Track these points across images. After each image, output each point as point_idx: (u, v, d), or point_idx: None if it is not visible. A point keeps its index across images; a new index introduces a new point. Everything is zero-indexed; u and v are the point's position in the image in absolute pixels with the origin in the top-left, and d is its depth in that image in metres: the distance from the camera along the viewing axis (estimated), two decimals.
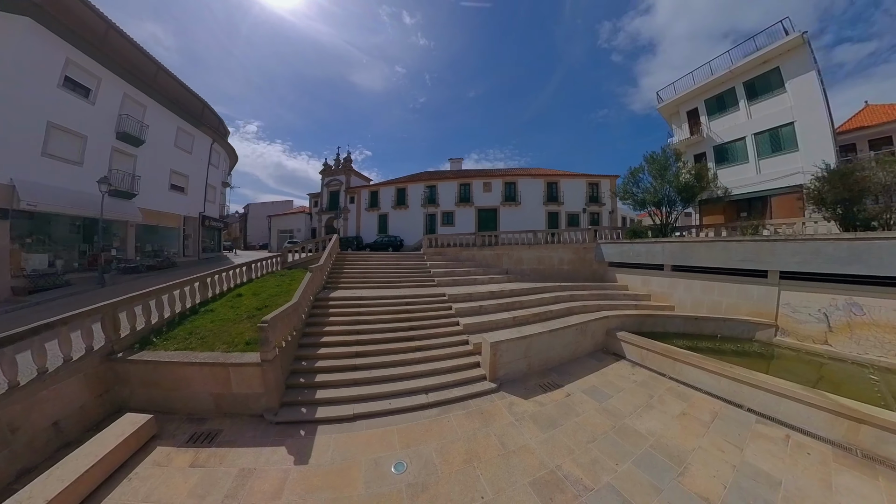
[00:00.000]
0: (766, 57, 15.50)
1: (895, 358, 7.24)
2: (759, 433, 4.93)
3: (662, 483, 3.80)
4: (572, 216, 26.45)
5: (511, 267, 14.52)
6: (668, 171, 14.29)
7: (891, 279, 7.43)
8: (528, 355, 6.90)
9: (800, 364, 7.98)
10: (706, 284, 10.77)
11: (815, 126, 13.66)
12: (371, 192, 31.19)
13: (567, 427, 5.01)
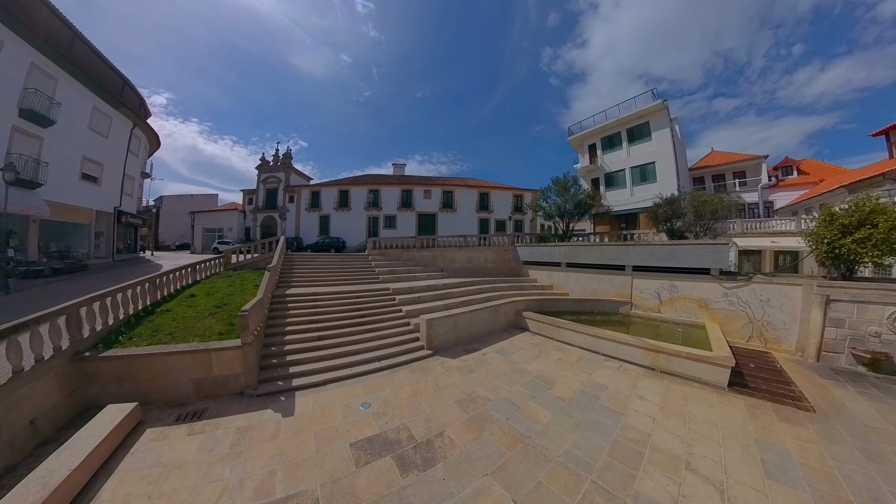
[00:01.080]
0: (641, 114, 20.63)
1: (692, 318, 11.08)
2: (604, 365, 7.73)
3: (537, 393, 6.15)
4: (500, 222, 30.22)
5: (445, 266, 16.76)
6: (569, 191, 18.08)
7: (690, 270, 11.34)
8: (455, 329, 9.08)
9: (644, 325, 11.47)
10: (589, 276, 14.32)
11: (667, 166, 18.89)
12: (313, 192, 30.82)
13: (481, 371, 7.22)
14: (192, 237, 33.12)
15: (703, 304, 10.96)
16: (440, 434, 4.79)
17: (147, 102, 23.51)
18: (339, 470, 3.99)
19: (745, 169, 27.84)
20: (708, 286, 10.93)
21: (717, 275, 10.84)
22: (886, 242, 8.62)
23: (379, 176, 34.12)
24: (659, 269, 12.16)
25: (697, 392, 6.38)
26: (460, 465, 4.09)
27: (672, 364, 7.33)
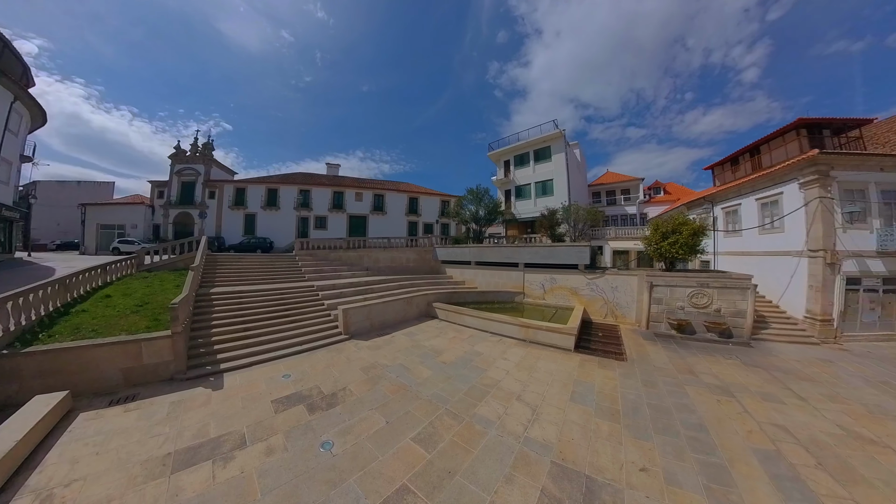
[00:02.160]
0: (545, 139, 24.59)
1: (567, 302, 14.36)
2: (488, 340, 10.13)
3: (426, 360, 8.20)
4: (428, 226, 32.19)
5: (371, 265, 18.26)
6: (481, 200, 20.95)
7: (564, 265, 14.65)
8: (369, 318, 10.85)
9: (532, 310, 14.30)
10: (492, 272, 17.21)
11: (561, 183, 23.01)
12: (237, 188, 28.88)
13: (386, 348, 9.10)
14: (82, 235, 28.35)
15: (574, 291, 14.33)
16: (343, 389, 6.52)
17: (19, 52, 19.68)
18: (262, 416, 5.46)
19: (629, 187, 34.58)
20: (576, 278, 14.33)
21: (583, 269, 14.31)
22: (687, 245, 12.74)
23: (311, 175, 33.47)
24: (543, 266, 15.40)
25: (550, 354, 9.02)
26: (354, 405, 5.87)
27: (538, 336, 9.99)
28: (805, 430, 5.53)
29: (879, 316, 11.93)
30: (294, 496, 3.64)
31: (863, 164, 12.22)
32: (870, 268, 11.89)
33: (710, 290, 11.30)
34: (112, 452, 4.44)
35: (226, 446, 4.59)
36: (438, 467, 4.13)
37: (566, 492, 3.84)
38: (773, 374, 8.05)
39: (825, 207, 11.83)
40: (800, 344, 10.99)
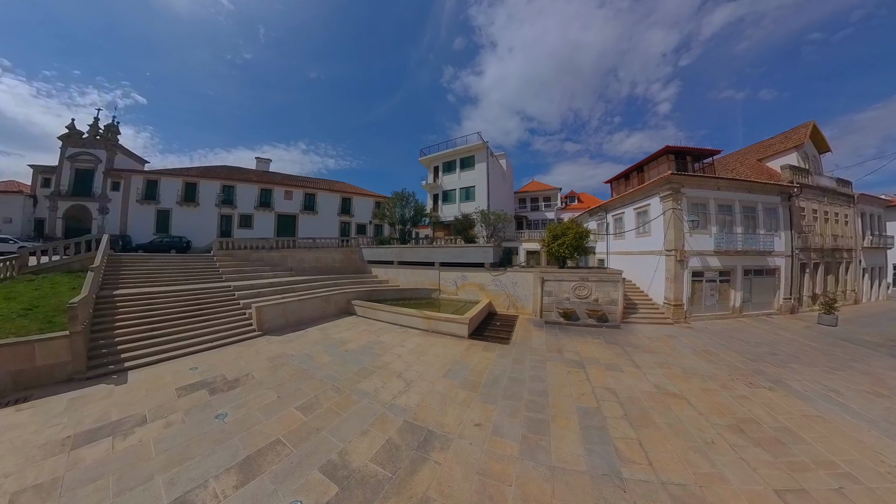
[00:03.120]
0: (470, 149, 26.96)
1: (476, 297, 16.46)
2: (394, 331, 11.58)
3: (330, 349, 9.42)
4: (361, 226, 32.57)
5: (295, 266, 18.69)
6: (407, 203, 22.41)
7: (473, 264, 16.78)
8: (285, 315, 11.72)
9: (446, 304, 16.03)
10: (413, 271, 18.91)
11: (482, 190, 25.53)
12: (149, 180, 25.81)
13: (297, 342, 10.13)
14: None
15: (481, 287, 16.51)
16: (247, 375, 7.51)
17: None
18: (164, 401, 6.26)
19: (550, 195, 39.18)
20: (483, 275, 16.52)
21: (488, 267, 16.52)
22: (572, 246, 15.32)
23: (236, 170, 31.40)
24: (455, 265, 17.42)
25: (445, 341, 10.64)
26: (253, 387, 6.93)
27: (438, 326, 11.67)
28: (628, 391, 6.94)
29: (717, 300, 15.68)
30: (184, 453, 4.66)
31: (705, 184, 15.84)
32: (709, 263, 15.44)
33: (590, 283, 13.88)
34: (6, 443, 4.84)
35: (127, 425, 5.37)
36: (310, 426, 5.38)
37: (406, 441, 4.97)
38: (624, 349, 10.08)
39: (676, 216, 14.99)
40: (658, 324, 13.77)
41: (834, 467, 4.63)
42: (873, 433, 5.57)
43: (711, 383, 7.56)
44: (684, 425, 5.68)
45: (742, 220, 16.30)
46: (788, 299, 16.83)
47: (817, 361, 9.24)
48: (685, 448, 5.01)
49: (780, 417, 6.06)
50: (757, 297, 16.37)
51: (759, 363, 9.00)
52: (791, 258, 17.06)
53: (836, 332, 12.75)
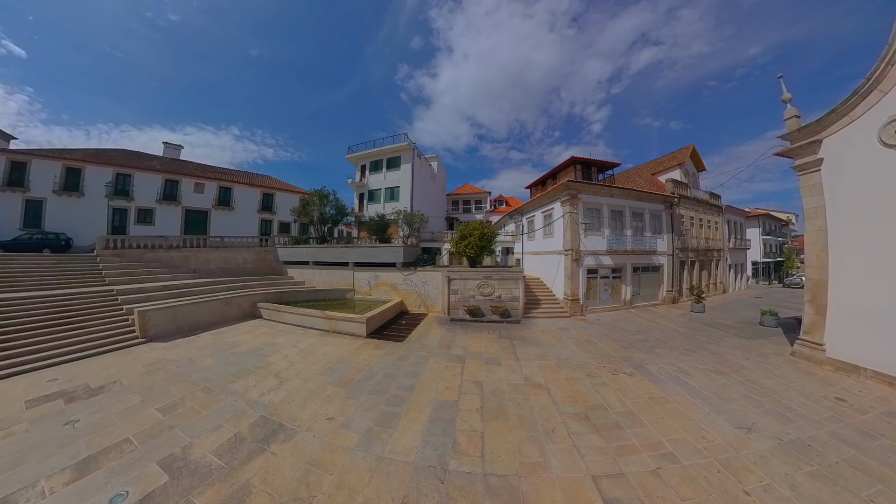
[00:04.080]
0: (396, 149, 27.66)
1: (389, 296, 17.32)
2: (294, 332, 11.97)
3: (217, 354, 9.59)
4: (284, 225, 30.81)
5: (200, 267, 17.77)
6: (326, 202, 22.36)
7: (385, 264, 17.65)
8: (175, 320, 11.45)
9: (361, 304, 16.66)
10: (329, 271, 19.25)
11: (406, 190, 26.53)
12: (13, 161, 21.06)
13: (185, 347, 10.11)
14: None
15: (394, 286, 17.44)
16: (115, 382, 7.51)
17: None
18: (9, 413, 6.11)
19: (481, 199, 41.63)
20: (395, 274, 17.47)
21: (400, 267, 17.50)
22: (477, 245, 16.37)
23: (136, 155, 27.45)
24: (368, 264, 18.20)
25: (341, 340, 11.29)
26: (118, 392, 7.01)
27: (339, 326, 12.31)
28: (495, 384, 7.42)
29: (610, 294, 18.16)
30: (19, 459, 4.71)
31: (599, 191, 18.16)
32: (602, 262, 17.73)
33: (493, 281, 15.26)
34: None
35: None
36: (165, 425, 5.73)
37: (254, 434, 5.39)
38: (513, 343, 10.93)
39: (573, 220, 16.85)
40: (556, 318, 15.19)
41: (659, 448, 5.13)
42: (704, 410, 6.38)
43: (579, 372, 8.34)
44: (534, 416, 6.12)
45: (631, 223, 19.00)
46: (671, 291, 20.40)
47: (679, 345, 10.85)
48: (524, 439, 5.38)
49: (629, 402, 6.68)
50: (645, 290, 19.45)
51: (630, 350, 10.28)
52: (672, 257, 20.71)
53: (702, 318, 15.72)
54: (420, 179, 28.31)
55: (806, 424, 5.87)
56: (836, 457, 4.93)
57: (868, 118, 8.21)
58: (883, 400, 6.89)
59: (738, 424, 5.88)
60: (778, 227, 45.27)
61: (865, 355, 8.13)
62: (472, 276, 15.53)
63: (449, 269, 16.20)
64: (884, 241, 7.92)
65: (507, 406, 6.50)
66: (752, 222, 38.68)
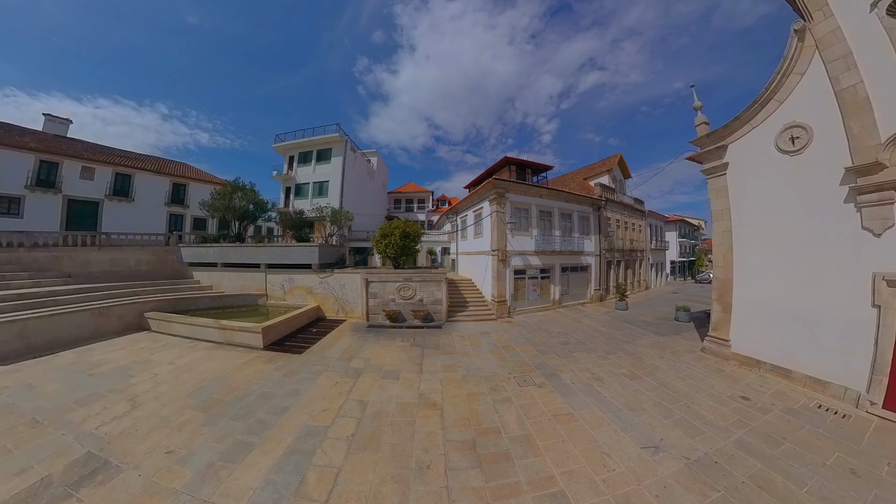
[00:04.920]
0: (328, 140, 26.39)
1: (304, 302, 16.61)
2: (180, 346, 10.99)
3: (69, 377, 8.47)
4: (199, 221, 27.14)
5: (76, 270, 15.31)
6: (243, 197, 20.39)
7: (300, 265, 16.84)
8: (25, 336, 9.87)
9: (274, 312, 15.46)
10: (238, 274, 17.85)
11: (336, 186, 25.60)
12: None
13: (32, 369, 8.76)
14: None
15: (309, 290, 16.74)
16: None
17: None
18: None
19: (424, 198, 41.65)
20: (311, 277, 16.71)
21: (315, 269, 16.74)
22: (397, 245, 15.82)
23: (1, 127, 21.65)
24: (282, 266, 17.21)
25: (230, 354, 10.29)
26: None
27: (234, 337, 11.39)
28: (382, 403, 6.93)
29: (539, 295, 18.74)
30: None
31: (528, 191, 18.53)
32: (530, 262, 18.16)
33: (414, 283, 14.97)
34: None
35: None
36: None
37: (67, 476, 4.74)
38: (424, 351, 10.59)
39: (500, 219, 16.76)
40: (482, 321, 15.04)
41: (549, 485, 4.66)
42: (612, 427, 6.18)
43: (484, 386, 8.00)
44: (412, 446, 5.59)
45: (560, 224, 19.82)
46: (598, 290, 22.01)
47: (599, 346, 11.18)
48: (387, 477, 4.84)
49: (529, 422, 6.30)
50: (574, 289, 20.59)
51: (547, 355, 10.26)
52: (600, 257, 22.36)
53: (625, 316, 16.93)
54: (354, 175, 27.40)
55: (714, 434, 6.03)
56: (743, 473, 4.96)
57: (767, 126, 9.24)
58: (781, 395, 7.66)
59: (645, 443, 5.72)
60: (691, 231, 52.43)
61: (765, 350, 9.03)
62: (392, 279, 15.21)
63: (368, 271, 15.97)
64: (779, 241, 8.96)
65: (384, 433, 5.91)
66: (671, 226, 43.84)
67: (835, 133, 7.93)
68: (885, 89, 7.20)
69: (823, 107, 8.14)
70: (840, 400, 7.45)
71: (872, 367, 7.17)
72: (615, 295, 19.84)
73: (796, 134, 8.66)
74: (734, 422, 6.51)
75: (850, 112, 7.66)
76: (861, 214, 7.45)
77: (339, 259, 19.48)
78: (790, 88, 8.88)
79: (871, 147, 7.33)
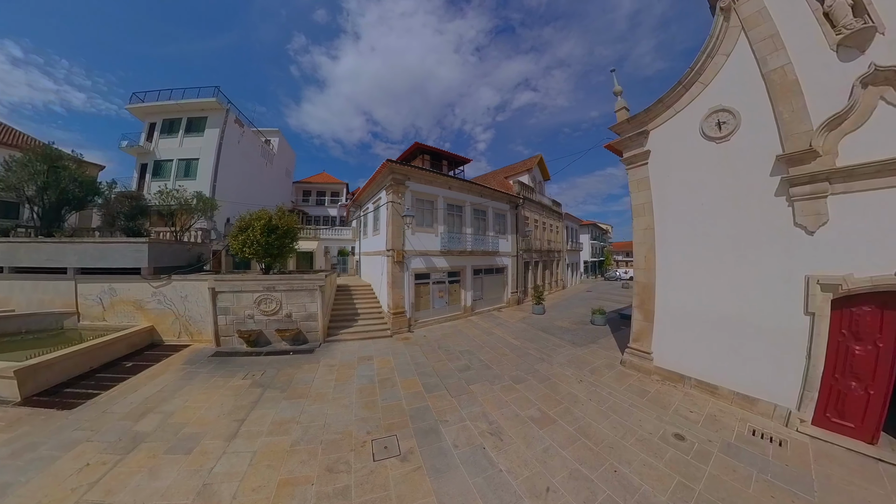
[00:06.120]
0: (202, 106, 20.62)
1: (133, 321, 11.68)
2: None
3: None
4: (9, 205, 18.04)
5: None
6: (56, 172, 13.56)
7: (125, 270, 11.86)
8: None
9: (89, 337, 10.17)
10: (34, 283, 11.90)
11: (207, 167, 20.13)
12: None
13: None
14: None
15: (139, 305, 11.80)
16: None
17: None
18: None
19: (338, 190, 36.83)
20: (140, 286, 11.83)
21: (147, 274, 11.86)
22: (261, 244, 11.49)
23: None
24: (101, 271, 11.96)
25: None
26: None
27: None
28: None
29: (447, 302, 15.93)
30: None
31: (435, 180, 15.48)
32: (436, 264, 15.18)
33: (278, 293, 11.39)
34: None
35: None
36: None
37: None
38: (264, 394, 7.60)
39: (396, 211, 13.61)
40: (374, 339, 12.19)
41: None
42: None
43: (317, 462, 5.24)
44: None
45: (473, 222, 17.31)
46: (515, 293, 20.32)
47: (506, 370, 9.12)
48: None
49: None
50: (488, 293, 18.42)
51: (434, 393, 7.74)
52: (517, 257, 20.74)
53: (541, 322, 15.37)
54: (238, 154, 21.92)
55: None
56: None
57: (691, 110, 8.04)
58: (713, 421, 6.52)
59: None
60: (601, 235, 58.33)
61: (689, 363, 7.96)
62: (249, 288, 11.31)
63: (217, 277, 11.80)
64: (705, 239, 7.77)
65: None
66: (585, 229, 47.50)
67: (764, 118, 6.94)
68: (813, 71, 6.35)
69: (751, 90, 7.13)
70: (769, 419, 6.53)
71: (804, 382, 6.29)
72: (533, 297, 18.36)
73: (723, 119, 7.58)
74: (675, 487, 4.75)
75: (779, 95, 6.73)
76: (793, 209, 6.45)
77: (194, 261, 14.60)
78: (716, 69, 7.85)
79: (802, 133, 6.42)
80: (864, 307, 5.91)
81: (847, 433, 5.90)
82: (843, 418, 5.99)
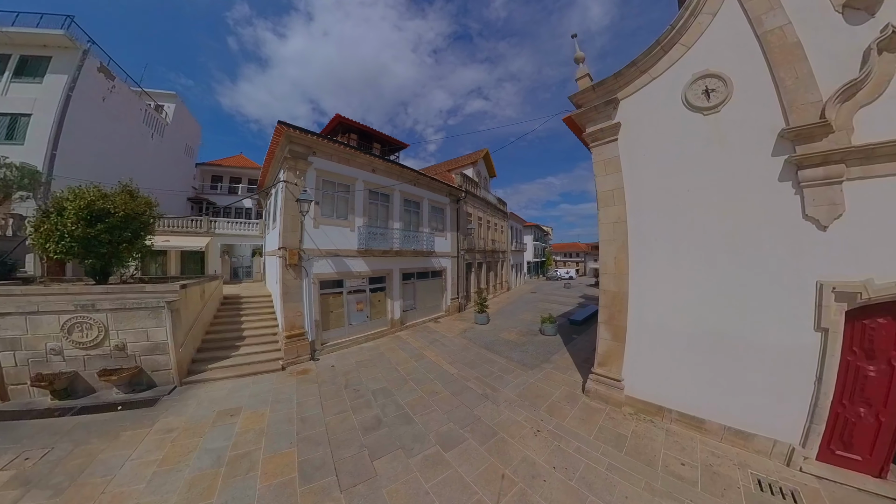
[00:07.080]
0: (45, 39, 14.90)
1: None
2: None
3: None
4: None
5: None
6: None
7: None
8: None
9: None
10: None
11: (45, 126, 14.40)
12: None
13: None
14: None
15: None
16: None
17: None
18: None
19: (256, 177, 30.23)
20: None
21: None
22: (80, 238, 7.49)
23: None
24: None
25: None
26: None
27: None
28: None
29: (369, 315, 12.34)
30: None
31: (352, 159, 11.67)
32: (352, 268, 11.59)
33: (101, 314, 7.32)
34: None
35: None
36: None
37: None
38: None
39: (291, 195, 9.73)
40: (257, 375, 8.66)
41: None
42: None
43: None
44: None
45: (403, 215, 14.11)
46: (456, 299, 17.81)
47: (433, 424, 6.36)
48: None
49: None
50: (423, 302, 15.50)
51: (316, 481, 4.70)
52: (458, 258, 18.19)
53: (485, 335, 13.03)
54: (102, 115, 16.06)
55: None
56: None
57: (672, 74, 6.57)
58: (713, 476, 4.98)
59: None
60: (543, 236, 60.22)
61: (670, 392, 6.38)
62: (50, 307, 7.14)
63: (6, 289, 7.54)
64: (692, 234, 6.18)
65: None
66: (528, 230, 47.87)
67: (761, 86, 5.64)
68: (817, 34, 5.18)
69: (745, 53, 5.83)
70: (767, 457, 5.28)
71: (811, 412, 5.05)
72: (475, 304, 16.01)
73: (711, 85, 6.11)
74: None
75: (779, 60, 5.45)
76: (802, 198, 5.12)
77: None
78: (700, 30, 6.46)
79: (810, 104, 5.15)
80: (878, 319, 4.79)
81: (853, 467, 4.87)
82: (850, 450, 4.93)
